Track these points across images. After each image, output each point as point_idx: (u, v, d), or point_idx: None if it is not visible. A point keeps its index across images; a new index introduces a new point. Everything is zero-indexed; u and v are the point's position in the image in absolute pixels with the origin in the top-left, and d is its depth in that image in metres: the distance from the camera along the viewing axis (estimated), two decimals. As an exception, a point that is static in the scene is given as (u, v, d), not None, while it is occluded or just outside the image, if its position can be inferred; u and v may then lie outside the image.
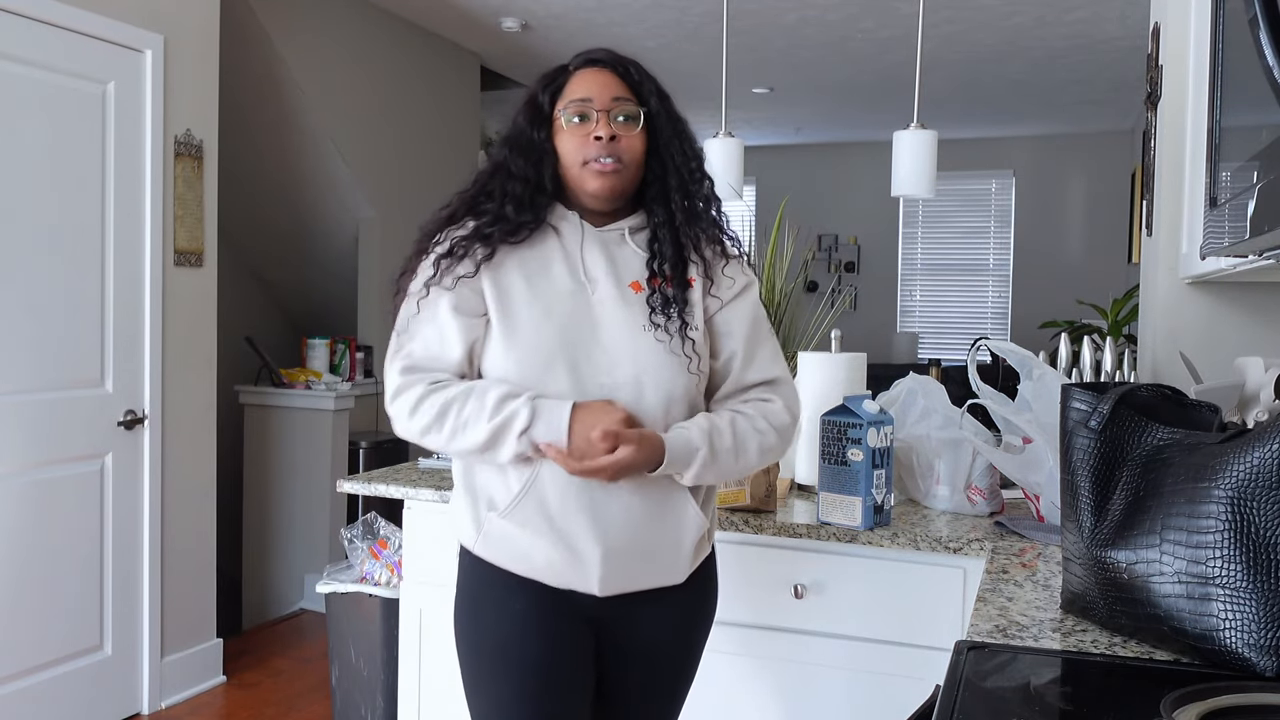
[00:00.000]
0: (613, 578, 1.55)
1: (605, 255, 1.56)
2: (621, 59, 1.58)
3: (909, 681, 1.89)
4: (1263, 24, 0.95)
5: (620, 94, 1.54)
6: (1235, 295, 2.15)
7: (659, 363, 1.53)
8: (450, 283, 1.53)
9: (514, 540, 1.55)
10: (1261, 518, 1.08)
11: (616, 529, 1.53)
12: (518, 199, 1.54)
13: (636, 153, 1.54)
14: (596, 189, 1.53)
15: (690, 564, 1.61)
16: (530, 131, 1.55)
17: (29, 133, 2.99)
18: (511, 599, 1.58)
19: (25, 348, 3.01)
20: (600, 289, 1.54)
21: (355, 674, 2.97)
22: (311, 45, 4.46)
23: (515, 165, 1.55)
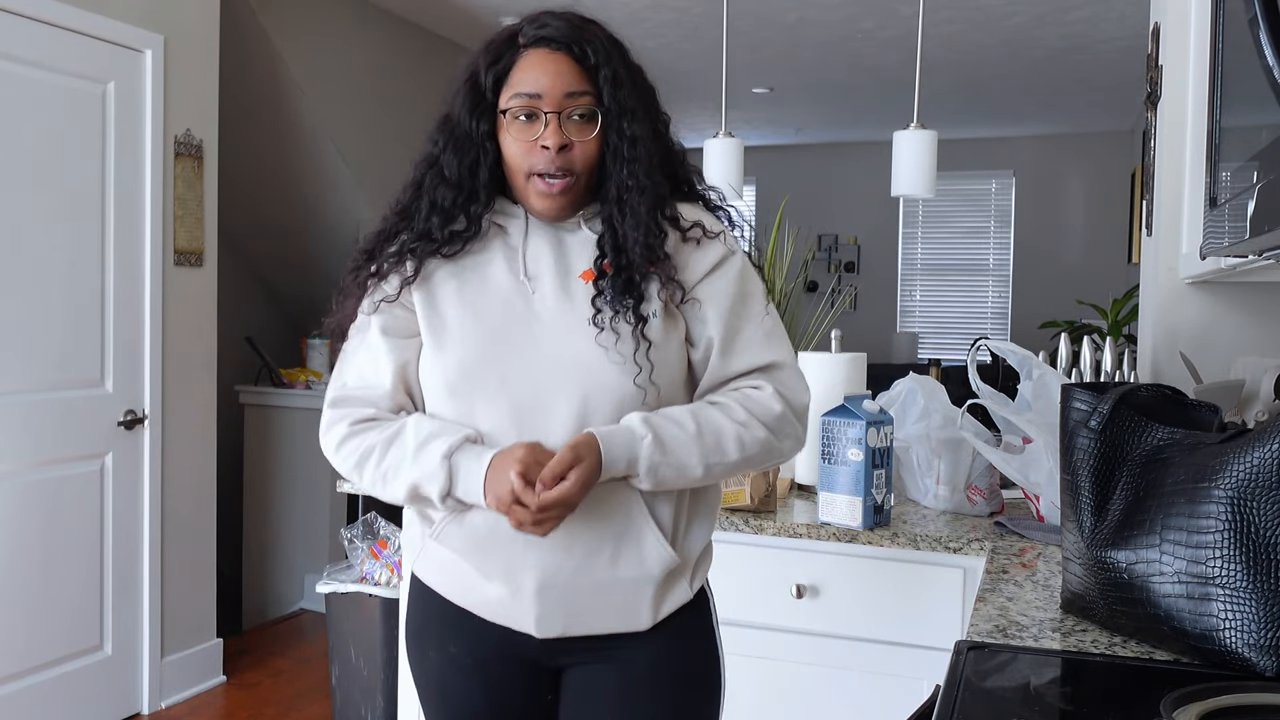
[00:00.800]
0: (551, 617, 1.34)
1: (552, 247, 1.37)
2: (580, 32, 1.33)
3: (909, 681, 1.89)
4: (1263, 24, 0.95)
5: (576, 87, 1.30)
6: (1235, 295, 2.15)
7: (604, 367, 1.31)
8: (375, 304, 1.38)
9: (448, 566, 1.39)
10: (1261, 518, 1.08)
11: (557, 559, 1.32)
12: (445, 211, 1.35)
13: (591, 159, 1.33)
14: (542, 209, 1.34)
15: (654, 607, 1.36)
16: (469, 122, 1.34)
17: (29, 133, 2.99)
18: (451, 637, 1.42)
19: (25, 348, 3.01)
20: (542, 286, 1.35)
21: (355, 674, 2.97)
22: (311, 45, 4.46)
23: (448, 165, 1.35)
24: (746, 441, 1.34)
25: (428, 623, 1.46)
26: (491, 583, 1.35)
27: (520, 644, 1.38)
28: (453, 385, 1.35)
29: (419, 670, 1.49)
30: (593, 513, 1.31)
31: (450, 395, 1.35)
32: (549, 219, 1.37)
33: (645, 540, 1.34)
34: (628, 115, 1.32)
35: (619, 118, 1.32)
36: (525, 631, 1.36)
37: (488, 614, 1.38)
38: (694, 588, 1.42)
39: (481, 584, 1.36)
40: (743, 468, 1.37)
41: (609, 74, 1.32)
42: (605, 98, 1.32)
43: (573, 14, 1.36)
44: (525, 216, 1.38)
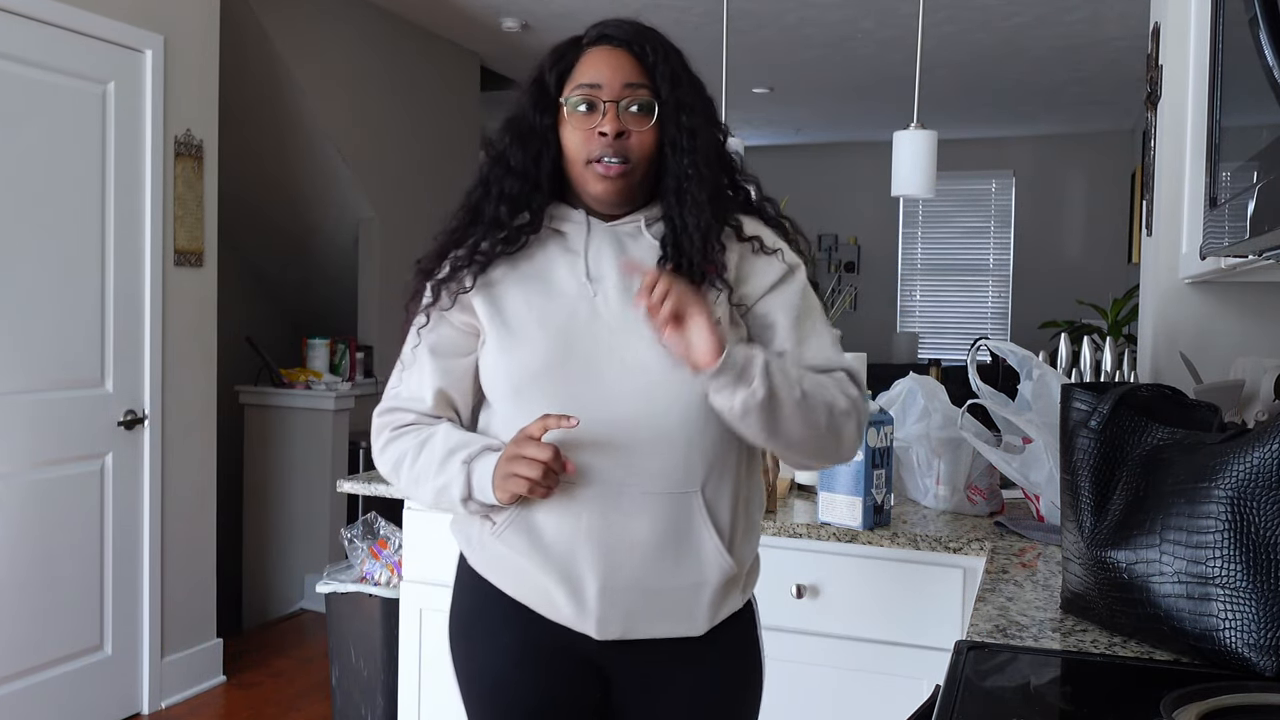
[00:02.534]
0: (612, 620, 1.36)
1: (614, 251, 1.39)
2: (641, 34, 1.39)
3: (909, 681, 1.89)
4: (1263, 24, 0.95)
5: (634, 79, 1.35)
6: (1235, 295, 2.15)
7: (671, 369, 1.32)
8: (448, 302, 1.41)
9: (509, 561, 1.40)
10: (1261, 518, 1.08)
11: (619, 563, 1.34)
12: (513, 199, 1.39)
13: (648, 148, 1.36)
14: (599, 194, 1.37)
15: (710, 614, 1.39)
16: (533, 116, 1.39)
17: (29, 133, 2.99)
18: (505, 631, 1.43)
19: (25, 348, 3.01)
20: (605, 289, 1.37)
21: (355, 674, 2.97)
22: (311, 45, 4.46)
23: (514, 157, 1.39)
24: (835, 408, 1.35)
25: (479, 613, 1.47)
26: (553, 583, 1.37)
27: (575, 641, 1.40)
28: (518, 387, 1.38)
29: (466, 663, 1.49)
30: (658, 520, 1.34)
31: (516, 396, 1.38)
32: (606, 205, 1.39)
33: (705, 547, 1.36)
34: (685, 109, 1.37)
35: (676, 110, 1.36)
36: (585, 633, 1.38)
37: (547, 611, 1.40)
38: (745, 596, 1.46)
39: (542, 583, 1.38)
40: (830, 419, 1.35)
41: (666, 70, 1.37)
42: (663, 91, 1.36)
43: (636, 21, 1.43)
44: (586, 220, 1.41)
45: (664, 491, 1.33)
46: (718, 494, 1.37)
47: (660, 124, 1.36)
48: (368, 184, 4.81)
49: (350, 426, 4.65)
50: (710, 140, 1.40)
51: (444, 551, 2.36)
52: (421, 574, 2.37)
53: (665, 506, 1.34)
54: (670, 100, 1.36)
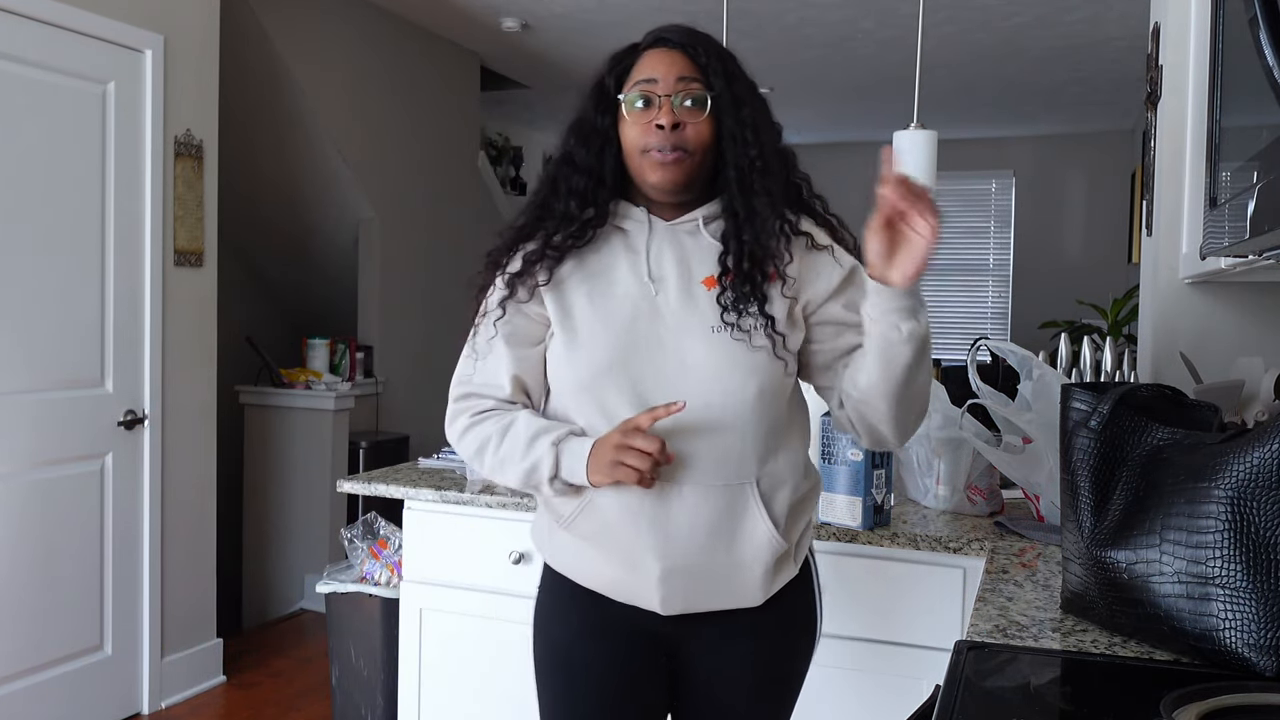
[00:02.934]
0: (675, 596, 1.46)
1: (676, 251, 1.46)
2: (694, 36, 1.47)
3: (909, 681, 1.89)
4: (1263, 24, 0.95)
5: (687, 74, 1.43)
6: (1235, 295, 2.15)
7: (731, 367, 1.41)
8: (525, 295, 1.48)
9: (579, 552, 1.51)
10: (1261, 518, 1.08)
11: (678, 545, 1.43)
12: (580, 194, 1.46)
13: (704, 139, 1.42)
14: (657, 181, 1.43)
15: (765, 587, 1.49)
16: (595, 117, 1.47)
17: (29, 133, 2.99)
18: (575, 612, 1.54)
19: (25, 348, 3.01)
20: (667, 288, 1.45)
21: (355, 674, 2.97)
22: (311, 45, 4.46)
23: (578, 155, 1.47)
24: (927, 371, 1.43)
25: (556, 602, 1.57)
26: (618, 567, 1.47)
27: (643, 618, 1.50)
28: (583, 382, 1.45)
29: (542, 643, 1.59)
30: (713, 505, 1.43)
31: (581, 391, 1.46)
32: (664, 194, 1.45)
33: (758, 531, 1.45)
34: (743, 104, 1.44)
35: (733, 105, 1.43)
36: (650, 609, 1.48)
37: (615, 594, 1.50)
38: (799, 563, 1.55)
39: (608, 568, 1.48)
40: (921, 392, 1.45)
41: (720, 68, 1.44)
42: (716, 86, 1.43)
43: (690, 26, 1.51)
44: (648, 219, 1.48)
45: (721, 484, 1.43)
46: (772, 483, 1.46)
47: (716, 117, 1.43)
48: (368, 184, 4.81)
49: (350, 426, 4.65)
50: (770, 132, 1.46)
51: (444, 551, 2.36)
52: (421, 574, 2.37)
53: (721, 496, 1.43)
54: (724, 94, 1.43)
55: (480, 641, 2.33)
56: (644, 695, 1.55)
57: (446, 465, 2.57)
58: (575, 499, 1.47)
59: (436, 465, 2.58)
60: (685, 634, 1.52)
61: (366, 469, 4.54)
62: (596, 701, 1.53)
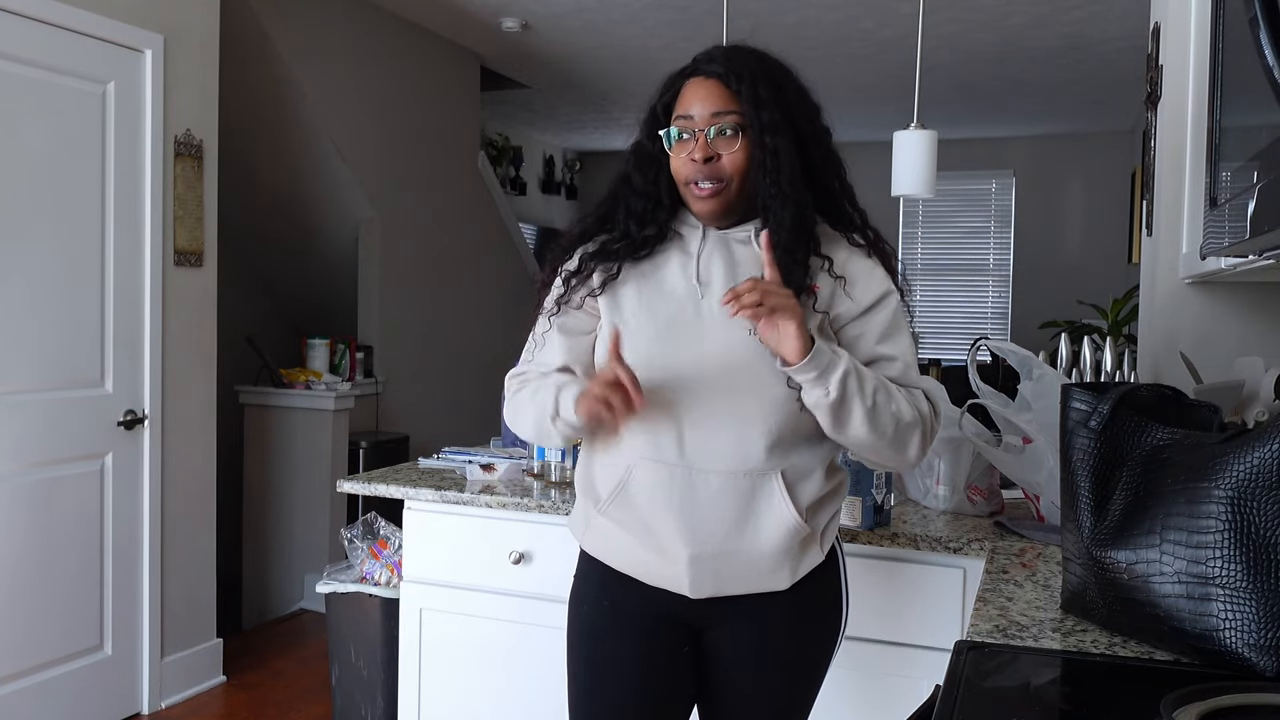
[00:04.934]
0: (703, 580, 1.53)
1: (725, 258, 1.55)
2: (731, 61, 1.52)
3: (909, 681, 1.89)
4: (1263, 24, 0.95)
5: (721, 107, 1.50)
6: (1235, 295, 2.15)
7: (763, 371, 1.48)
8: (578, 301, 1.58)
9: (612, 536, 1.58)
10: (1261, 518, 1.08)
11: (705, 532, 1.51)
12: (639, 216, 1.57)
13: (740, 166, 1.50)
14: (699, 211, 1.54)
15: (792, 571, 1.55)
16: (648, 143, 1.57)
17: (29, 132, 2.99)
18: (607, 593, 1.62)
19: (25, 348, 3.01)
20: (712, 292, 1.53)
21: (355, 674, 2.97)
22: (311, 45, 4.46)
23: (636, 180, 1.58)
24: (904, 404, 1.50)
25: (589, 585, 1.66)
26: (650, 552, 1.55)
27: (672, 602, 1.56)
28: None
29: (574, 623, 1.67)
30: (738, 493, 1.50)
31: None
32: (707, 219, 1.55)
33: (784, 519, 1.51)
34: (769, 131, 1.48)
35: (760, 133, 1.48)
36: (680, 593, 1.54)
37: (647, 578, 1.57)
38: (825, 549, 1.59)
39: (641, 553, 1.56)
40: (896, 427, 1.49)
41: (751, 95, 1.49)
42: (748, 116, 1.49)
43: (734, 47, 1.57)
44: (702, 227, 1.57)
45: (747, 475, 1.50)
46: (798, 474, 1.53)
47: (748, 144, 1.50)
48: (368, 184, 4.81)
49: (350, 426, 4.65)
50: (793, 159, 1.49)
51: (444, 551, 2.36)
52: (421, 574, 2.37)
53: (748, 487, 1.50)
54: (755, 124, 1.49)
55: (480, 641, 2.33)
56: (671, 677, 1.62)
57: (446, 465, 2.57)
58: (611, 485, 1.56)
59: (436, 465, 2.58)
60: (714, 617, 1.58)
61: (366, 469, 4.54)
62: (625, 682, 1.61)
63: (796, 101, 1.54)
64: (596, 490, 1.60)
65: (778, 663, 1.61)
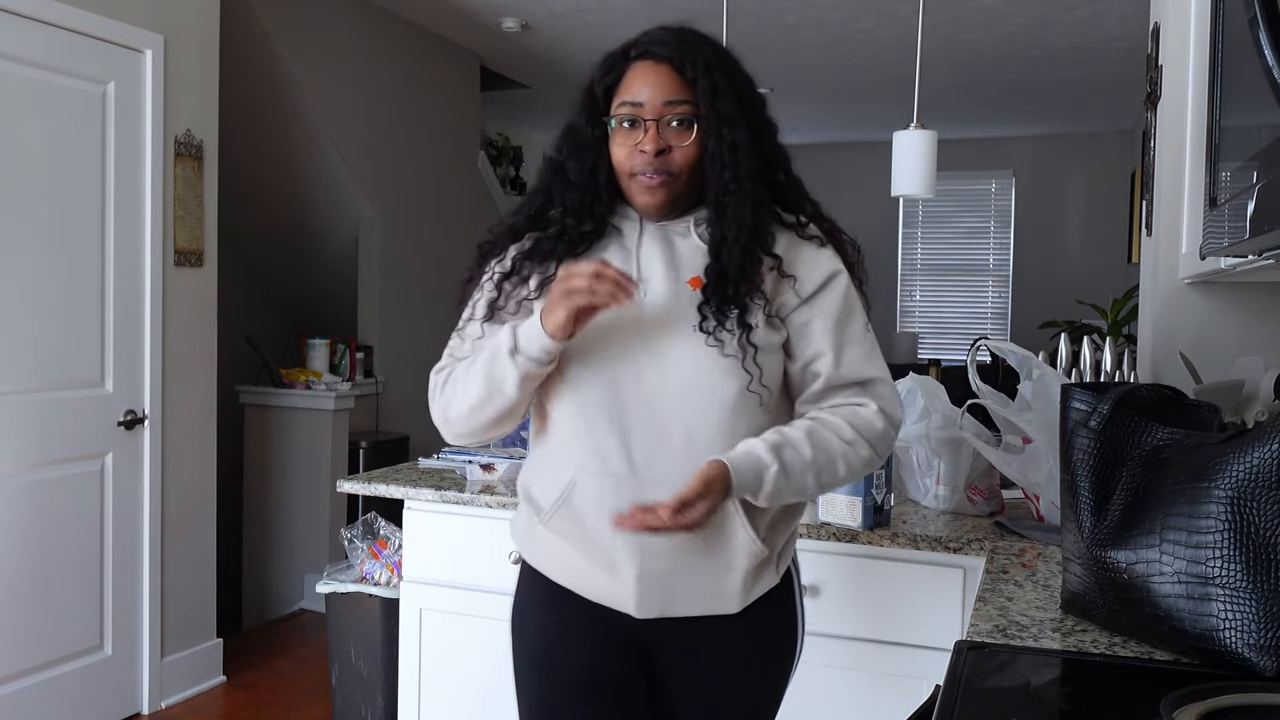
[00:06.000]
0: (650, 600, 1.44)
1: (664, 251, 1.44)
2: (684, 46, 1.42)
3: (909, 681, 1.89)
4: (1263, 24, 0.95)
5: (674, 95, 1.40)
6: (1235, 295, 2.15)
7: (709, 370, 1.39)
8: (514, 307, 1.47)
9: (556, 550, 1.49)
10: (1261, 518, 1.08)
11: (655, 549, 1.41)
12: (576, 210, 1.46)
13: (690, 160, 1.41)
14: (643, 204, 1.44)
15: (744, 593, 1.46)
16: (586, 128, 1.46)
17: (29, 133, 2.99)
18: (551, 609, 1.53)
19: (25, 348, 3.01)
20: (652, 289, 1.43)
21: (355, 674, 2.97)
22: (311, 45, 4.46)
23: (571, 170, 1.46)
24: (852, 460, 1.43)
25: (531, 595, 1.56)
26: (595, 567, 1.45)
27: (621, 620, 1.47)
28: (564, 377, 1.44)
29: (519, 639, 1.57)
30: None
31: (562, 385, 1.44)
32: (652, 214, 1.46)
33: (737, 536, 1.43)
34: (726, 123, 1.40)
35: (718, 125, 1.40)
36: (626, 611, 1.46)
37: (591, 594, 1.48)
38: (780, 571, 1.52)
39: (586, 568, 1.46)
40: (846, 483, 1.48)
41: (707, 84, 1.40)
42: (703, 106, 1.40)
43: (683, 29, 1.46)
44: (639, 219, 1.47)
45: None
46: None
47: (701, 138, 1.41)
48: (368, 184, 4.81)
49: (350, 426, 4.65)
50: (752, 151, 1.42)
51: (444, 552, 2.36)
52: (421, 574, 2.37)
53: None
54: (710, 115, 1.40)
55: (480, 641, 2.33)
56: (623, 699, 1.52)
57: (446, 465, 2.57)
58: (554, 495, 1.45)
59: (436, 465, 2.58)
60: (662, 638, 1.50)
61: (366, 469, 4.54)
62: (576, 705, 1.51)
63: (748, 92, 1.46)
64: (537, 500, 1.50)
65: (730, 687, 1.52)
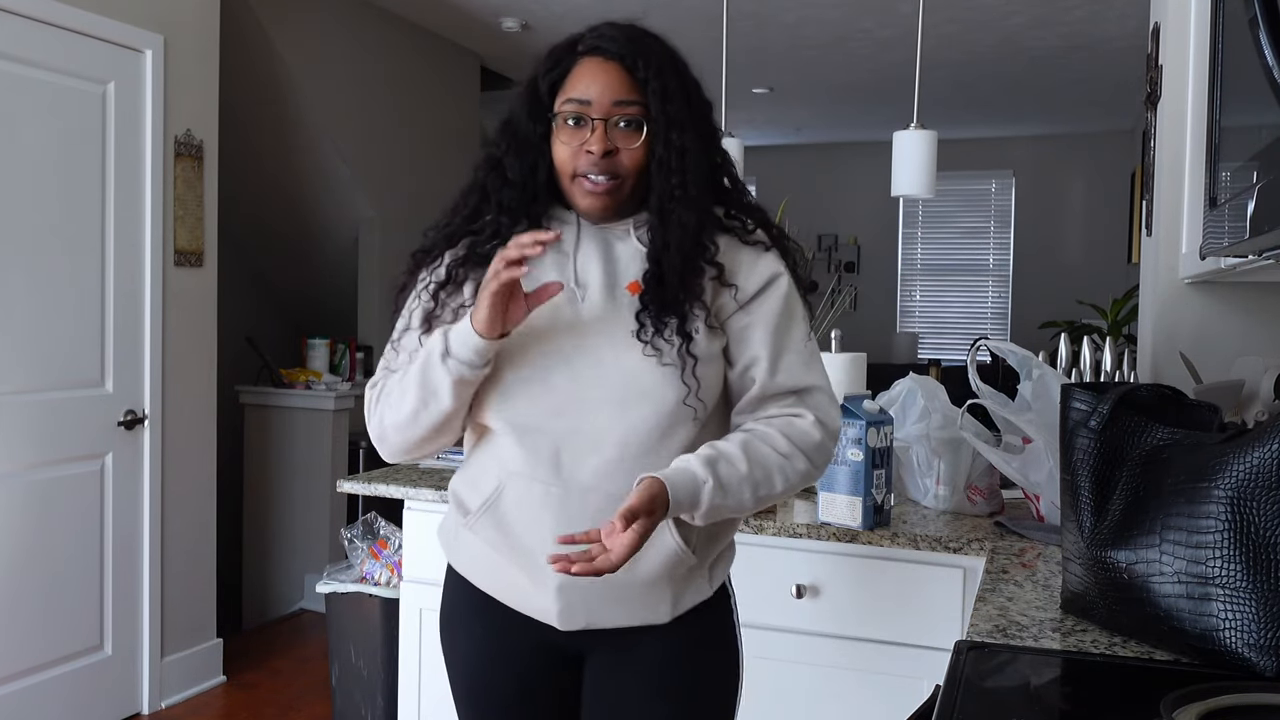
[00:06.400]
0: (574, 610, 1.38)
1: (602, 255, 1.40)
2: (634, 45, 1.37)
3: (909, 681, 1.89)
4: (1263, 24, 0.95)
5: (624, 96, 1.34)
6: (1235, 295, 2.15)
7: (646, 378, 1.34)
8: (449, 316, 1.41)
9: (481, 556, 1.44)
10: (1261, 518, 1.08)
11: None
12: (511, 211, 1.40)
13: (637, 164, 1.36)
14: (586, 207, 1.38)
15: (672, 603, 1.41)
16: (528, 124, 1.39)
17: (29, 133, 2.99)
18: (479, 622, 1.48)
19: (25, 348, 3.01)
20: (590, 294, 1.38)
21: (355, 674, 2.97)
22: (311, 45, 4.46)
23: (510, 167, 1.40)
24: (789, 473, 1.38)
25: (458, 608, 1.51)
26: (518, 574, 1.40)
27: (545, 632, 1.43)
28: (503, 388, 1.39)
29: (450, 655, 1.54)
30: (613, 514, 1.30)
31: (497, 395, 1.39)
32: (594, 218, 1.40)
33: (665, 544, 1.37)
34: (675, 127, 1.35)
35: (666, 129, 1.34)
36: (549, 623, 1.41)
37: (514, 603, 1.44)
38: (714, 584, 1.46)
39: (509, 574, 1.42)
40: (783, 497, 1.41)
41: (658, 86, 1.34)
42: (653, 109, 1.34)
43: (633, 27, 1.40)
44: (577, 222, 1.41)
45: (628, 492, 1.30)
46: None
47: (650, 141, 1.35)
48: (368, 184, 4.81)
49: (350, 426, 4.65)
50: (700, 157, 1.37)
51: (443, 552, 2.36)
52: (421, 574, 2.37)
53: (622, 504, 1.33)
54: (660, 118, 1.34)
55: (480, 641, 2.33)
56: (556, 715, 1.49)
57: (447, 465, 2.57)
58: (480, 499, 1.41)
59: (436, 465, 2.58)
60: (593, 650, 1.45)
61: (366, 469, 4.54)
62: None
63: (696, 96, 1.41)
64: (465, 503, 1.45)
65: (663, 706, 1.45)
